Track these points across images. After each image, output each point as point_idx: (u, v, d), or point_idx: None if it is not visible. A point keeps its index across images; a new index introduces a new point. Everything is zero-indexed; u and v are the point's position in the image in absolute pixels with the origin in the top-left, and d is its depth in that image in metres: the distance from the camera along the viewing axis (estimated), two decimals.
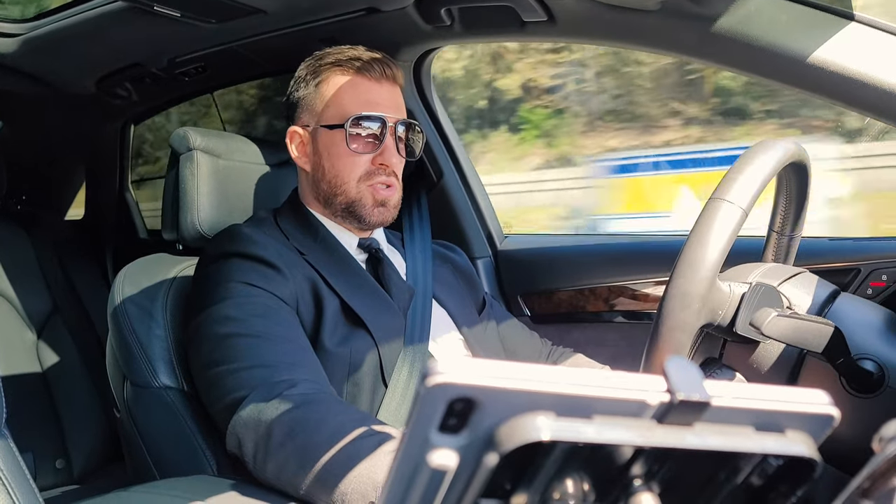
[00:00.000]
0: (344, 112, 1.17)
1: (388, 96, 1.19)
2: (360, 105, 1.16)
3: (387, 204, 1.19)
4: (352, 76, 1.18)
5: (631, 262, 1.56)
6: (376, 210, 1.18)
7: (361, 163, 1.17)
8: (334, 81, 1.18)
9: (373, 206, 1.18)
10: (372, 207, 1.18)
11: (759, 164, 0.78)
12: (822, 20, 1.00)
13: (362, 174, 1.17)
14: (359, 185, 1.17)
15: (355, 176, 1.17)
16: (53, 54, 1.60)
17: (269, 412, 0.91)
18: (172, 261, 1.28)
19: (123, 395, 1.17)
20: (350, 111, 1.16)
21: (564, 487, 0.29)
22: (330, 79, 1.19)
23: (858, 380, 0.81)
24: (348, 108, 1.17)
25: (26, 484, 0.72)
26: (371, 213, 1.18)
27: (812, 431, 0.30)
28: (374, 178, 1.17)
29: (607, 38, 1.25)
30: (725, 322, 0.81)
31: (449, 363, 0.26)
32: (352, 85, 1.18)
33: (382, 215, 1.19)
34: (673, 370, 0.28)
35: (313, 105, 1.20)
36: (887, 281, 1.26)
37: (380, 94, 1.18)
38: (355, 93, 1.17)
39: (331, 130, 1.17)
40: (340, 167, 1.18)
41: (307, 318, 1.08)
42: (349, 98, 1.17)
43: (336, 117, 1.17)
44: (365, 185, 1.17)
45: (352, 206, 1.18)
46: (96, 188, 2.27)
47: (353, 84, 1.18)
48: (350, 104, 1.17)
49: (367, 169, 1.17)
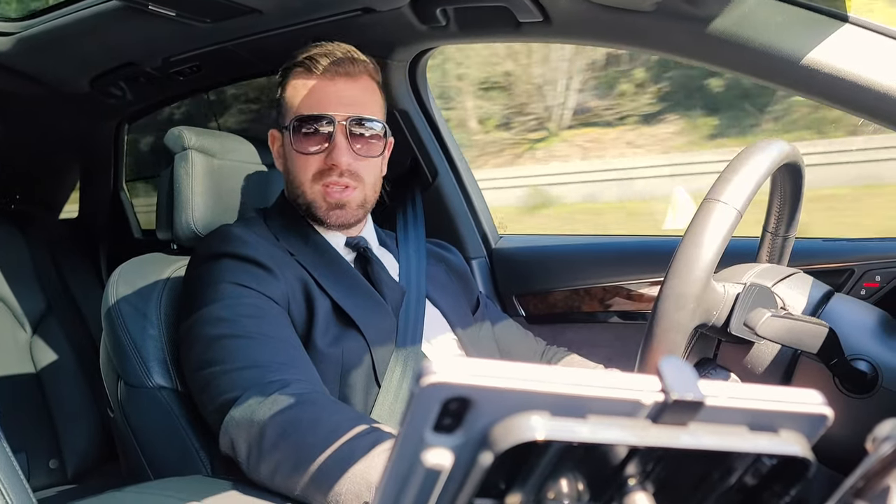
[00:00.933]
0: (293, 113, 1.17)
1: (342, 93, 1.16)
2: (308, 105, 1.16)
3: (345, 206, 1.17)
4: (306, 77, 1.18)
5: (626, 262, 1.57)
6: (332, 213, 1.17)
7: (312, 163, 1.16)
8: (293, 83, 1.19)
9: (327, 209, 1.17)
10: (326, 210, 1.17)
11: (754, 165, 0.78)
12: (817, 21, 1.00)
13: (314, 174, 1.16)
14: (312, 186, 1.17)
15: (307, 177, 1.17)
16: (47, 53, 1.60)
17: (261, 412, 0.90)
18: (167, 260, 1.28)
19: (117, 394, 1.17)
20: (297, 111, 1.16)
21: (559, 487, 0.29)
22: (290, 81, 1.19)
23: (852, 380, 0.81)
24: (298, 108, 1.17)
25: (19, 484, 0.72)
26: (327, 215, 1.17)
27: (806, 431, 0.30)
28: (325, 177, 1.16)
29: (603, 39, 1.25)
30: (720, 322, 0.81)
31: (443, 363, 0.26)
32: (304, 85, 1.17)
33: (341, 217, 1.17)
34: (667, 370, 0.28)
35: (282, 107, 1.21)
36: (881, 282, 1.26)
37: (331, 91, 1.16)
38: (306, 93, 1.17)
39: (287, 132, 1.18)
40: (294, 169, 1.18)
41: (298, 318, 1.08)
42: (300, 98, 1.17)
43: (287, 118, 1.18)
44: (318, 186, 1.16)
45: (308, 207, 1.18)
46: (90, 187, 2.26)
47: (305, 84, 1.17)
48: (301, 104, 1.17)
49: (319, 168, 1.16)
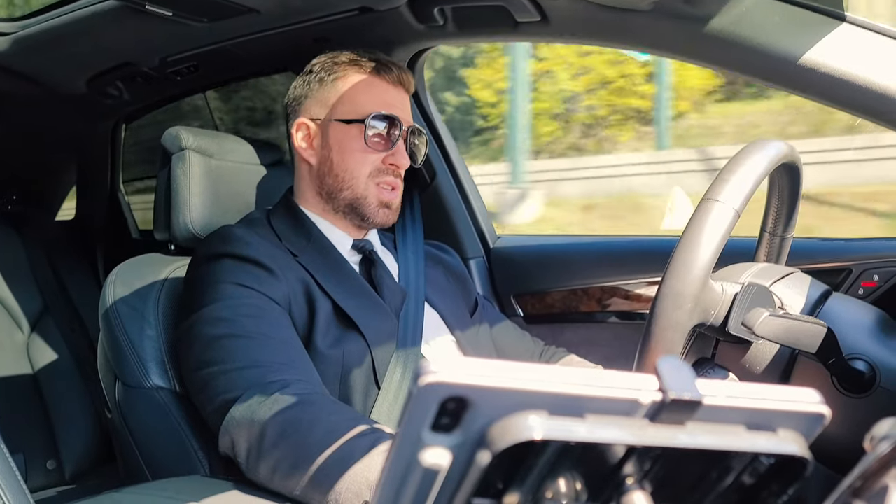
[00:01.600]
0: (361, 109, 1.18)
1: (402, 101, 1.22)
2: (378, 104, 1.18)
3: (391, 206, 1.21)
4: (369, 75, 1.20)
5: (623, 262, 1.57)
6: (381, 211, 1.20)
7: (372, 160, 1.18)
8: (352, 79, 1.20)
9: (377, 206, 1.19)
10: (377, 207, 1.19)
11: (751, 165, 0.78)
12: (814, 21, 1.00)
13: (372, 171, 1.18)
14: (367, 182, 1.19)
15: (365, 172, 1.18)
16: (44, 53, 1.60)
17: (261, 412, 0.90)
18: (164, 261, 1.28)
19: (115, 395, 1.17)
20: (368, 108, 1.17)
21: (557, 486, 0.29)
22: (348, 75, 1.20)
23: (850, 379, 0.81)
24: (365, 105, 1.18)
25: (17, 485, 0.72)
26: (375, 212, 1.20)
27: (803, 430, 0.30)
28: (382, 176, 1.19)
29: (600, 39, 1.25)
30: (718, 322, 0.81)
31: (441, 362, 0.26)
32: (369, 84, 1.20)
33: (386, 217, 1.21)
34: (665, 369, 0.28)
35: (326, 99, 1.21)
36: (879, 281, 1.26)
37: (395, 96, 1.21)
38: (373, 92, 1.19)
39: (346, 125, 1.18)
40: (351, 162, 1.18)
41: (299, 319, 1.08)
42: (367, 96, 1.19)
43: (353, 113, 1.18)
44: (372, 183, 1.19)
45: (356, 203, 1.19)
46: (87, 188, 2.25)
47: (370, 83, 1.20)
48: (367, 102, 1.18)
49: (377, 167, 1.19)
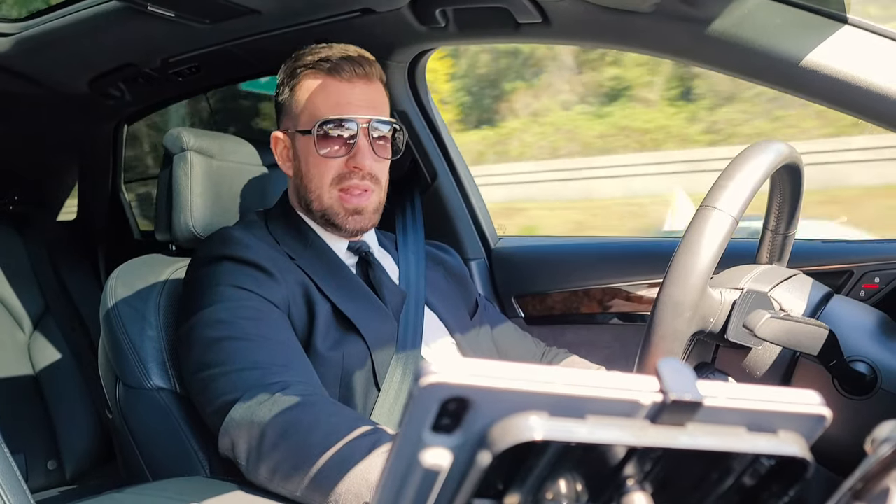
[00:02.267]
0: (315, 116, 1.15)
1: (362, 96, 1.17)
2: (330, 108, 1.15)
3: (363, 211, 1.17)
4: (322, 78, 1.16)
5: (624, 263, 1.57)
6: (350, 218, 1.17)
7: (333, 167, 1.15)
8: (307, 85, 1.17)
9: (346, 215, 1.16)
10: (345, 216, 1.16)
11: (750, 170, 0.78)
12: (816, 23, 1.00)
13: (334, 178, 1.15)
14: (331, 191, 1.16)
15: (327, 181, 1.16)
16: (46, 54, 1.60)
17: (262, 414, 0.90)
18: (165, 262, 1.28)
19: (115, 396, 1.17)
20: (320, 115, 1.15)
21: (557, 487, 0.28)
22: (303, 82, 1.18)
23: (851, 382, 0.81)
24: (319, 111, 1.15)
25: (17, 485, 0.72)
26: (346, 221, 1.17)
27: (804, 432, 0.30)
28: (346, 181, 1.15)
29: (602, 41, 1.25)
30: (717, 329, 0.81)
31: (442, 363, 0.26)
32: (322, 88, 1.16)
33: (358, 223, 1.17)
34: (666, 371, 0.28)
35: (291, 109, 1.19)
36: (880, 283, 1.26)
37: (351, 94, 1.16)
38: (325, 95, 1.16)
39: (305, 136, 1.16)
40: (313, 173, 1.16)
41: (299, 322, 1.08)
42: (320, 101, 1.16)
43: (308, 122, 1.16)
44: (336, 191, 1.15)
45: (326, 214, 1.17)
46: (89, 189, 2.25)
47: (323, 87, 1.16)
48: (321, 108, 1.15)
49: (340, 172, 1.15)
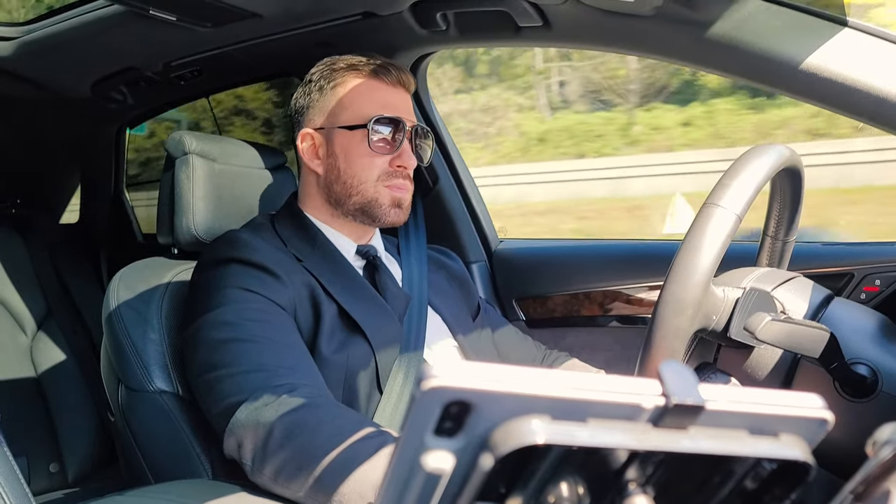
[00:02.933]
0: (363, 113, 1.17)
1: (403, 101, 1.21)
2: (379, 107, 1.17)
3: (402, 205, 1.20)
4: (368, 79, 1.19)
5: (625, 266, 1.57)
6: (392, 210, 1.19)
7: (379, 163, 1.18)
8: (351, 84, 1.19)
9: (390, 206, 1.19)
10: (389, 207, 1.19)
11: (753, 170, 0.78)
12: (816, 25, 1.01)
13: (380, 175, 1.18)
14: (377, 185, 1.18)
15: (374, 176, 1.18)
16: (49, 58, 1.60)
17: (267, 415, 0.91)
18: (168, 265, 1.28)
19: (118, 399, 1.17)
20: (369, 112, 1.17)
21: (559, 491, 0.29)
22: (346, 81, 1.20)
23: (852, 384, 0.81)
24: (367, 109, 1.17)
25: (20, 488, 0.72)
26: (388, 213, 1.19)
27: (806, 435, 0.30)
28: (391, 179, 1.18)
29: (603, 44, 1.25)
30: (719, 327, 0.81)
31: (444, 367, 0.26)
32: (369, 88, 1.19)
33: (398, 216, 1.20)
34: (668, 374, 0.28)
35: (327, 107, 1.20)
36: (881, 286, 1.26)
37: (396, 98, 1.20)
38: (373, 95, 1.19)
39: (349, 131, 1.18)
40: (359, 167, 1.18)
41: (305, 324, 1.08)
42: (367, 100, 1.18)
43: (355, 118, 1.18)
44: (382, 186, 1.18)
45: (368, 206, 1.19)
46: (91, 192, 2.26)
47: (370, 87, 1.19)
48: (368, 106, 1.18)
49: (385, 170, 1.18)
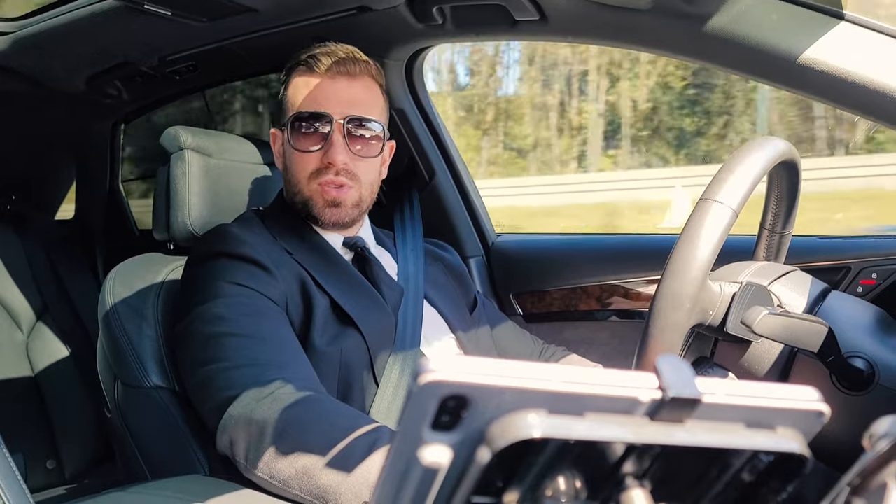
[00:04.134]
0: (293, 111, 1.18)
1: (343, 92, 1.17)
2: (308, 103, 1.16)
3: (340, 204, 1.17)
4: (306, 75, 1.18)
5: (623, 260, 1.57)
6: (328, 210, 1.17)
7: (310, 161, 1.16)
8: (295, 82, 1.19)
9: (323, 206, 1.17)
10: (323, 207, 1.17)
11: (750, 164, 0.78)
12: (813, 19, 1.00)
13: (311, 172, 1.16)
14: (309, 184, 1.17)
15: (305, 175, 1.17)
16: (43, 53, 1.59)
17: (261, 411, 0.90)
18: (163, 260, 1.28)
19: (114, 395, 1.17)
20: (298, 110, 1.17)
21: (556, 484, 0.29)
22: (293, 79, 1.20)
23: (849, 377, 0.81)
24: (298, 106, 1.17)
25: (17, 485, 0.72)
26: (323, 212, 1.17)
27: (802, 428, 0.30)
28: (321, 176, 1.16)
29: (599, 38, 1.25)
30: (716, 322, 0.81)
31: (441, 361, 0.26)
32: (305, 83, 1.18)
33: (336, 215, 1.17)
34: (664, 368, 0.28)
35: (284, 105, 1.21)
36: (877, 279, 1.26)
37: (330, 90, 1.16)
38: (306, 90, 1.17)
39: (286, 129, 1.18)
40: (292, 167, 1.18)
41: (297, 317, 1.08)
42: (300, 96, 1.17)
43: (288, 116, 1.18)
44: (315, 184, 1.16)
45: (306, 206, 1.18)
46: (87, 187, 2.25)
47: (306, 82, 1.18)
48: (301, 103, 1.17)
49: (316, 167, 1.16)
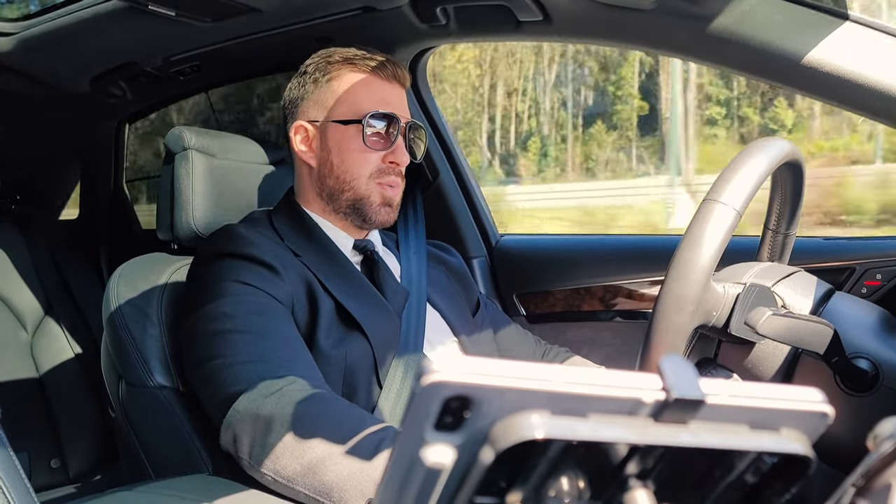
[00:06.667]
0: (358, 109, 1.17)
1: (399, 97, 1.21)
2: (375, 103, 1.17)
3: (392, 204, 1.19)
4: (365, 74, 1.19)
5: (626, 261, 1.57)
6: (382, 209, 1.19)
7: (373, 160, 1.17)
8: (347, 78, 1.19)
9: (380, 205, 1.18)
10: (379, 206, 1.18)
11: (753, 165, 0.78)
12: (817, 20, 1.00)
13: (373, 171, 1.18)
14: (368, 182, 1.18)
15: (366, 172, 1.17)
16: (47, 53, 1.60)
17: (266, 407, 0.90)
18: (167, 260, 1.28)
19: (118, 394, 1.17)
20: (365, 108, 1.16)
21: (560, 485, 0.29)
22: (343, 75, 1.19)
23: (853, 378, 0.81)
24: (363, 104, 1.17)
25: (21, 484, 0.72)
26: (377, 211, 1.19)
27: (806, 429, 0.30)
28: (383, 176, 1.18)
29: (603, 38, 1.25)
30: (720, 323, 0.81)
31: (445, 362, 0.26)
32: (366, 83, 1.19)
33: (387, 215, 1.20)
34: (668, 369, 0.28)
35: (323, 100, 1.20)
36: (882, 280, 1.26)
37: (391, 94, 1.20)
38: (369, 91, 1.18)
39: (344, 126, 1.17)
40: (351, 163, 1.18)
41: (302, 319, 1.08)
42: (364, 95, 1.18)
43: (350, 113, 1.17)
44: (374, 183, 1.18)
45: (358, 203, 1.18)
46: (91, 188, 2.26)
47: (367, 82, 1.19)
48: (364, 101, 1.17)
49: (378, 167, 1.18)
